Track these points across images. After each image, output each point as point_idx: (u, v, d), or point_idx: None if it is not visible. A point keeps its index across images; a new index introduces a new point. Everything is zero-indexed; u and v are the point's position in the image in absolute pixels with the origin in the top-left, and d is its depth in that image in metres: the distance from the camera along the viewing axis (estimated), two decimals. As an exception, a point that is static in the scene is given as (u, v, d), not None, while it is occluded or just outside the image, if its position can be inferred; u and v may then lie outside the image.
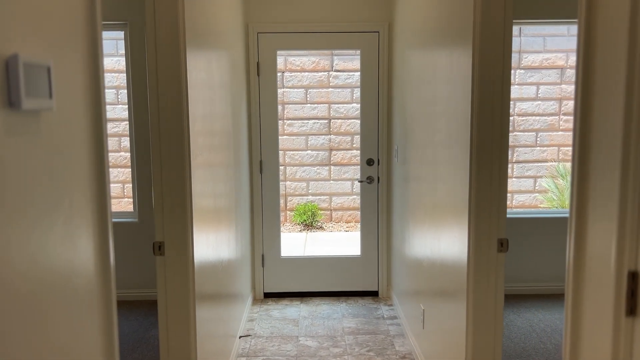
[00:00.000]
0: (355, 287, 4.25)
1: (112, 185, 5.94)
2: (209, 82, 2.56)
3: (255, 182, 4.12)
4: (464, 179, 2.15)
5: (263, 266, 4.23)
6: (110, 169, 5.97)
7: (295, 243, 6.16)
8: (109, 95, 5.84)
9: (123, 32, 4.08)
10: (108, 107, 5.85)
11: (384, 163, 4.12)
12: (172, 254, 2.02)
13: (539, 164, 6.27)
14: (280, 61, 6.69)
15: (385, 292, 4.24)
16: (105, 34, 5.74)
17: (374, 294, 4.26)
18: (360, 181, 4.16)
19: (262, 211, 4.17)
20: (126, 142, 5.83)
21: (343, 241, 6.28)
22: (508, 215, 4.11)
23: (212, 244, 2.57)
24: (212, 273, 2.57)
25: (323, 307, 4.02)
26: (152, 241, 1.99)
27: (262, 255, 4.22)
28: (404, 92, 3.55)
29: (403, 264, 3.67)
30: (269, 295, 4.25)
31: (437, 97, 2.64)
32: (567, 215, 4.18)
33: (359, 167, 7.24)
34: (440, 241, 2.59)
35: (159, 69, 1.96)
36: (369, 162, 4.14)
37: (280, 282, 4.25)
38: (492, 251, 2.05)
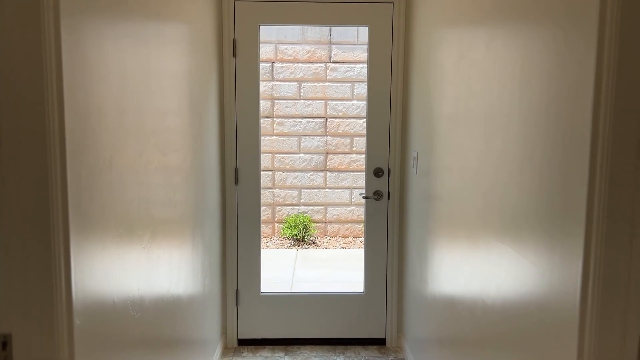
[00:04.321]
0: (357, 334, 3.30)
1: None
2: (141, 65, 1.64)
3: (229, 196, 3.17)
4: (564, 212, 1.22)
5: (237, 305, 3.27)
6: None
7: (283, 263, 5.21)
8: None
9: None
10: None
11: (397, 174, 3.18)
12: (25, 356, 1.07)
13: None
14: (269, 50, 5.78)
15: (395, 340, 3.30)
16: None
17: (380, 343, 3.31)
18: (366, 197, 3.20)
19: (237, 235, 3.21)
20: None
21: (340, 260, 5.34)
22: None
23: (138, 274, 1.63)
24: (137, 323, 1.62)
25: (314, 362, 3.06)
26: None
27: (237, 291, 3.26)
28: (429, 83, 2.62)
29: (423, 308, 2.74)
30: (244, 343, 3.29)
31: (496, 92, 1.72)
32: None
33: (358, 173, 6.39)
34: (505, 301, 1.65)
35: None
36: (377, 172, 3.19)
37: (259, 326, 3.28)
38: (630, 355, 1.11)
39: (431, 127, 2.56)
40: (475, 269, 1.91)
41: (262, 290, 3.28)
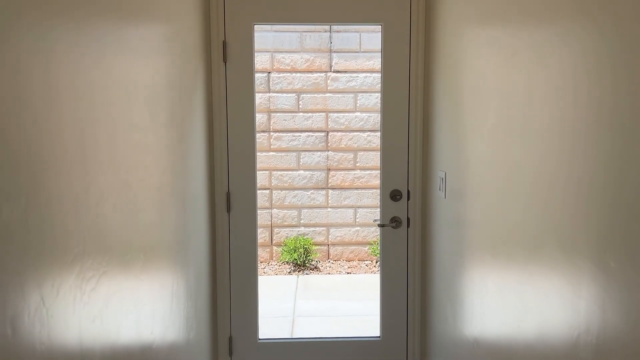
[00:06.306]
0: (373, 386, 2.80)
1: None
2: (89, 72, 1.18)
3: (220, 227, 2.68)
4: None
5: (230, 355, 2.76)
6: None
7: (283, 293, 4.71)
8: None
9: None
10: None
11: (417, 197, 2.70)
12: None
13: None
14: (265, 59, 5.35)
15: (419, 394, 2.80)
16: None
17: (400, 397, 2.81)
18: (382, 225, 2.72)
19: (229, 272, 2.71)
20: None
21: (345, 288, 4.85)
22: None
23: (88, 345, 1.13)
24: None
25: None
26: None
27: (230, 339, 2.75)
28: (461, 90, 2.15)
29: (455, 358, 2.25)
30: (240, 400, 2.79)
31: (569, 100, 1.25)
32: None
33: (362, 191, 5.89)
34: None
35: None
36: (395, 195, 2.71)
37: (257, 379, 2.78)
38: None
39: (465, 142, 2.09)
40: (545, 319, 1.43)
41: (260, 337, 2.77)
